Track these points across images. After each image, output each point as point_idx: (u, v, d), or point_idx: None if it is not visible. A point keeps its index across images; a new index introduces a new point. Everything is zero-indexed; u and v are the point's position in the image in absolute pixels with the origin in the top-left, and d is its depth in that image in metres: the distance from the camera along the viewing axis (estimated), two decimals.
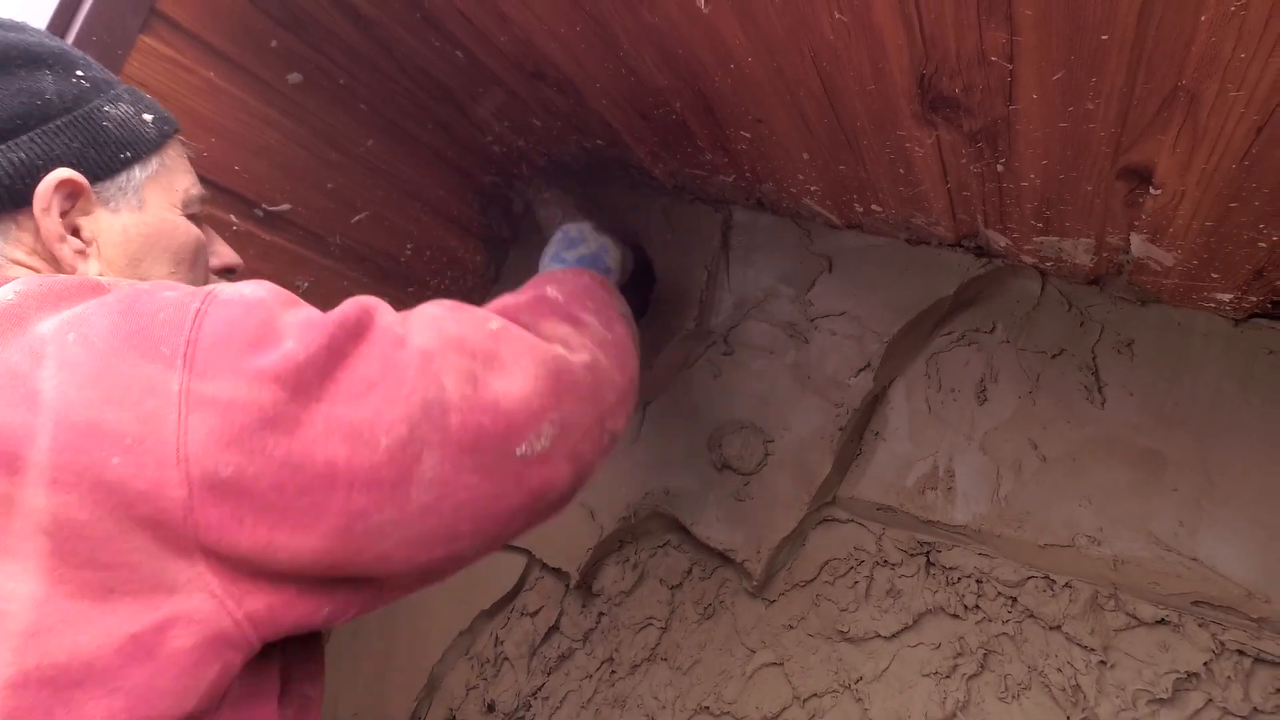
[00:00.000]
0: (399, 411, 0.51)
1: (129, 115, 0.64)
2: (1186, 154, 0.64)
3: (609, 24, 0.84)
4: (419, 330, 0.57)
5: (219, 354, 0.47)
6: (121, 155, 0.63)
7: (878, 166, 0.90)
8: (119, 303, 0.49)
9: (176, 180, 0.67)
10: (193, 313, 0.49)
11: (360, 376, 0.51)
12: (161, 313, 0.48)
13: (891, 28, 0.64)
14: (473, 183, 1.40)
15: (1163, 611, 0.90)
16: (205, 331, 0.48)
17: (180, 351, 0.47)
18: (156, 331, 0.47)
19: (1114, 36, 0.55)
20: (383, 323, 0.55)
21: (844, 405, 1.09)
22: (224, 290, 0.51)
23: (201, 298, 0.50)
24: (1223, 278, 0.83)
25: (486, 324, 0.62)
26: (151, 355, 0.46)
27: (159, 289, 0.51)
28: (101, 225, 0.61)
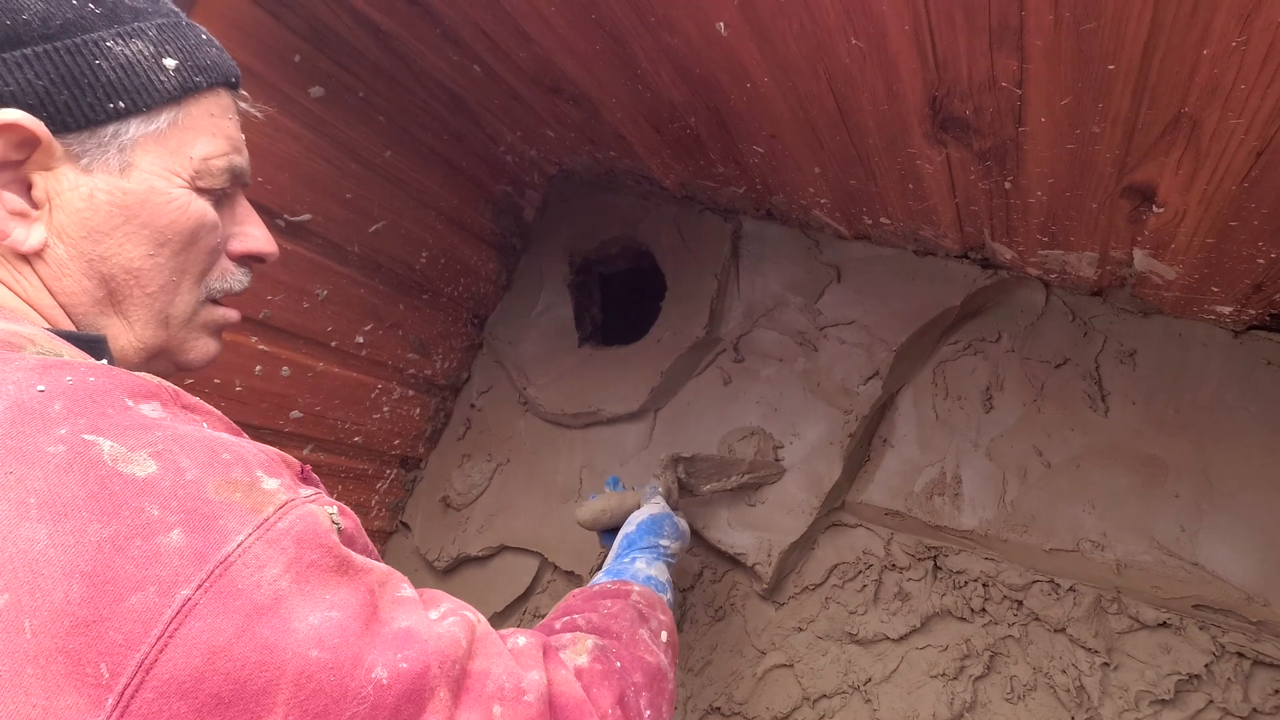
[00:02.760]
0: None
1: (139, 56, 0.50)
2: (1189, 175, 0.66)
3: (628, 44, 0.86)
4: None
5: (171, 706, 0.33)
6: (111, 104, 0.49)
7: (888, 181, 0.93)
8: (97, 553, 0.35)
9: (192, 144, 0.53)
10: (176, 605, 0.34)
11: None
12: (137, 594, 0.34)
13: (905, 53, 0.66)
14: (486, 192, 1.42)
15: (1164, 614, 0.93)
16: (169, 661, 0.33)
17: (123, 683, 0.33)
18: (112, 631, 0.33)
19: (1120, 66, 0.58)
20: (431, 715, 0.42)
21: (853, 412, 1.12)
22: (244, 569, 0.37)
23: (209, 570, 0.36)
24: (1223, 291, 0.85)
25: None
26: (82, 676, 0.32)
27: (170, 517, 0.37)
28: (64, 185, 0.48)
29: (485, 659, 0.49)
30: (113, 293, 0.51)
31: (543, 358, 1.41)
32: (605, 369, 1.33)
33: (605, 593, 0.79)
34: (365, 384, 1.31)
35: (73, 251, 0.49)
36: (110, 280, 0.51)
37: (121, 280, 0.51)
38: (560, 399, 1.34)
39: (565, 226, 1.48)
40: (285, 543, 0.40)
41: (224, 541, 0.37)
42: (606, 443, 1.31)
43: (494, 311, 1.52)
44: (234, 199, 0.60)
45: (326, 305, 1.20)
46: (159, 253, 0.52)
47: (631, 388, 1.28)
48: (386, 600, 0.45)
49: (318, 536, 0.42)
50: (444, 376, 1.47)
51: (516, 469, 1.39)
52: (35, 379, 0.40)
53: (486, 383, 1.49)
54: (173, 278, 0.54)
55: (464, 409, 1.50)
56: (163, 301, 0.54)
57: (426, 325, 1.41)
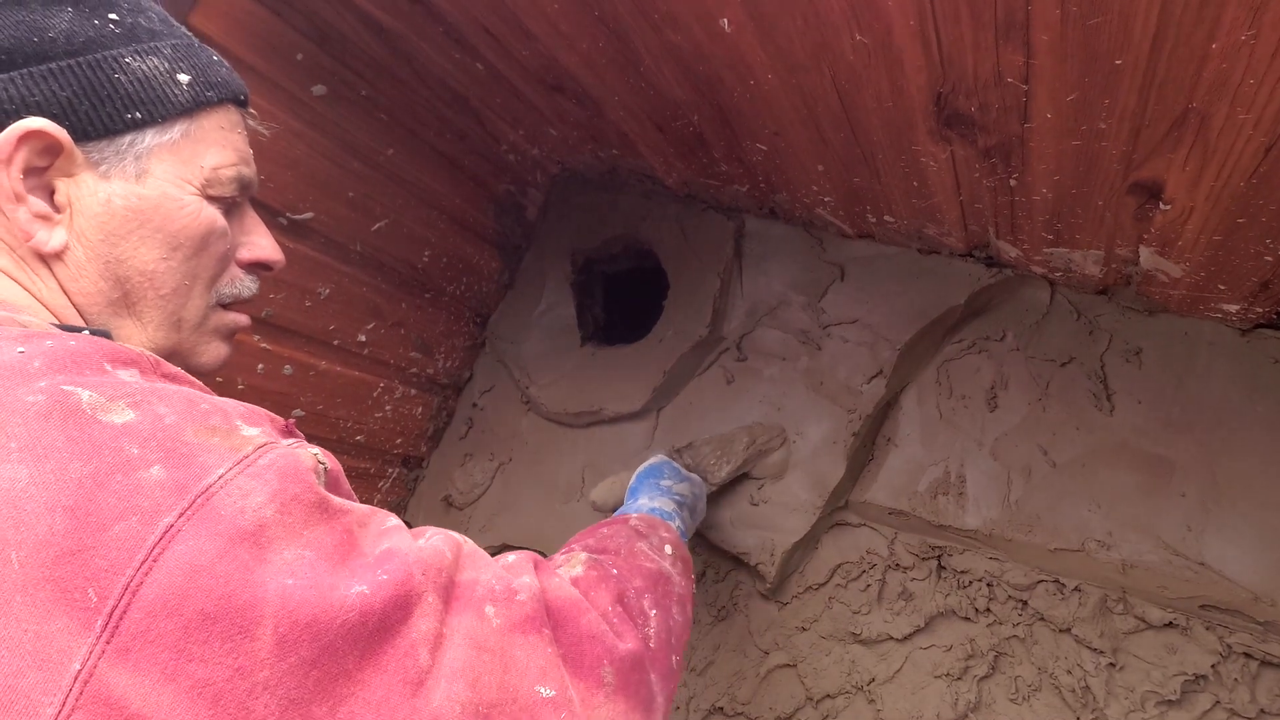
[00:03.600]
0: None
1: (155, 71, 0.54)
2: (1196, 172, 0.66)
3: (631, 41, 0.86)
4: (451, 675, 0.42)
5: (159, 625, 0.33)
6: (128, 114, 0.52)
7: (892, 179, 0.92)
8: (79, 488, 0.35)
9: (203, 154, 0.56)
10: (159, 531, 0.35)
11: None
12: (120, 524, 0.35)
13: (911, 49, 0.66)
14: (488, 191, 1.42)
15: (1171, 615, 0.92)
16: (161, 584, 0.34)
17: (111, 604, 0.33)
18: (97, 559, 0.34)
19: (1127, 61, 0.57)
20: (411, 637, 0.41)
21: (856, 411, 1.11)
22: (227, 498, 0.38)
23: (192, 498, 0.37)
24: (1229, 289, 0.85)
25: (537, 685, 0.47)
26: (71, 600, 0.33)
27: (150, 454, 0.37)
28: (84, 191, 0.51)
29: (474, 570, 0.50)
30: (127, 294, 0.54)
31: (545, 357, 1.40)
32: (608, 368, 1.33)
33: (601, 524, 0.78)
34: (367, 383, 1.31)
35: (91, 254, 0.52)
36: (125, 282, 0.54)
37: (136, 282, 0.54)
38: (562, 398, 1.34)
39: (568, 225, 1.48)
40: (268, 476, 0.40)
41: (205, 474, 0.38)
42: (609, 442, 1.31)
43: (496, 310, 1.52)
44: (242, 210, 0.63)
45: (329, 304, 1.20)
46: (172, 256, 0.55)
47: (634, 387, 1.27)
48: (369, 535, 0.45)
49: (299, 473, 0.42)
50: (446, 375, 1.47)
51: (518, 468, 1.39)
52: (16, 344, 0.41)
53: (489, 382, 1.49)
54: (185, 281, 0.56)
55: (466, 408, 1.50)
56: (176, 304, 0.56)
57: (429, 324, 1.40)
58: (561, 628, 0.53)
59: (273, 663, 0.35)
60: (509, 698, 0.45)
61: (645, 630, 0.62)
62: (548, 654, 0.50)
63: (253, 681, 0.34)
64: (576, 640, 0.54)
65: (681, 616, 0.69)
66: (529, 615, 0.50)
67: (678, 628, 0.67)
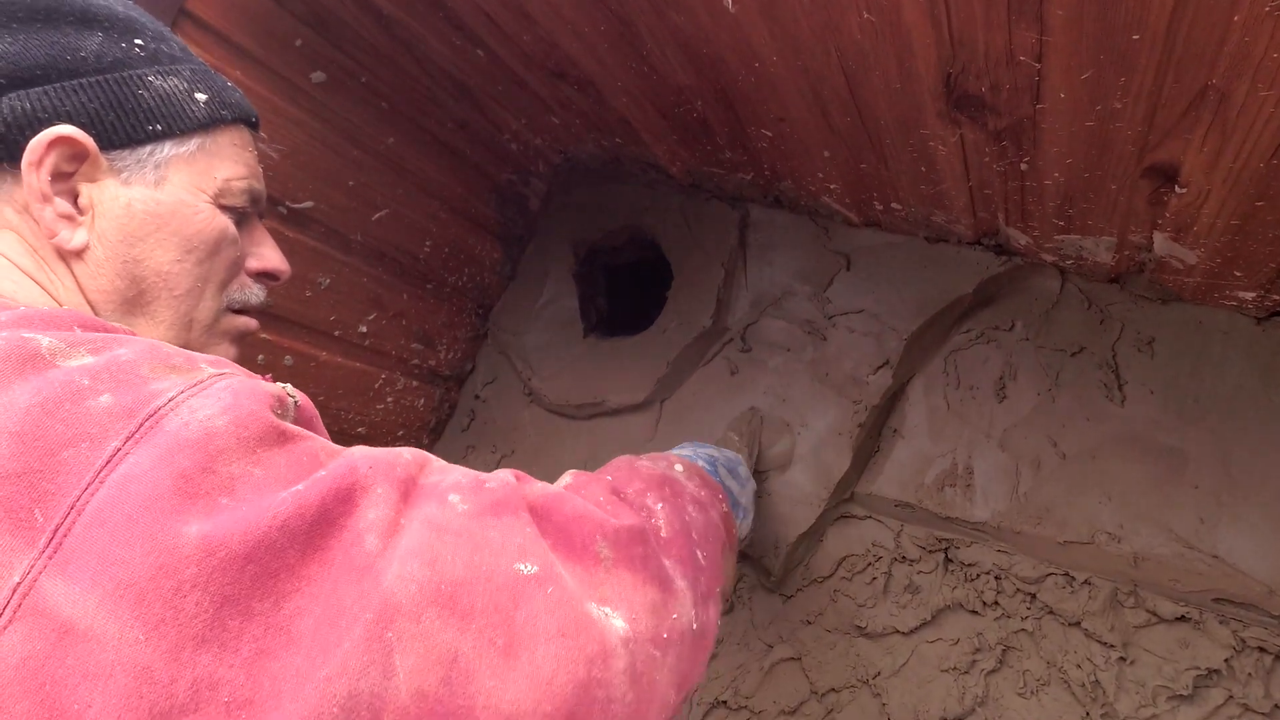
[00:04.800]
0: (303, 702, 0.33)
1: (175, 89, 0.59)
2: (1214, 153, 0.64)
3: (633, 24, 0.84)
4: (405, 555, 0.38)
5: (93, 534, 0.33)
6: (150, 126, 0.57)
7: (899, 164, 0.91)
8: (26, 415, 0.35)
9: (217, 167, 0.61)
10: (106, 455, 0.35)
11: (283, 623, 0.34)
12: (68, 449, 0.35)
13: (920, 27, 0.64)
14: (490, 180, 1.41)
15: (1183, 608, 0.91)
16: (101, 500, 0.34)
17: (55, 522, 0.33)
18: (44, 482, 0.34)
19: (1145, 36, 0.55)
20: (358, 527, 0.38)
21: (862, 402, 1.10)
22: (176, 416, 0.37)
23: (139, 421, 0.36)
24: (1246, 276, 0.83)
25: (516, 562, 0.42)
26: (17, 521, 0.33)
27: (100, 384, 0.37)
28: (105, 195, 0.55)
29: (440, 475, 0.46)
30: (143, 293, 0.58)
31: (548, 348, 1.39)
32: (611, 360, 1.32)
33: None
34: (369, 374, 1.30)
35: (110, 253, 0.56)
36: (141, 281, 0.57)
37: (152, 281, 0.58)
38: (565, 390, 1.33)
39: (570, 216, 1.47)
40: (223, 394, 0.39)
41: (155, 398, 0.38)
42: (612, 434, 1.30)
43: (498, 302, 1.51)
44: (252, 223, 0.67)
45: (329, 294, 1.19)
46: (185, 259, 0.59)
47: (637, 378, 1.26)
48: (329, 454, 0.43)
49: (257, 394, 0.41)
50: (448, 367, 1.46)
51: (521, 460, 1.38)
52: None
53: (491, 373, 1.48)
54: (197, 283, 0.60)
55: (468, 400, 1.49)
56: (188, 305, 0.60)
57: (430, 315, 1.39)
58: (545, 519, 0.48)
59: (199, 559, 0.33)
60: (479, 576, 0.40)
61: (648, 517, 0.56)
62: (527, 533, 0.45)
63: (179, 579, 0.33)
64: (562, 524, 0.49)
65: (701, 516, 0.62)
66: (501, 500, 0.46)
67: (699, 524, 0.61)
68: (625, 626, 0.46)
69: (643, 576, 0.50)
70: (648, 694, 0.46)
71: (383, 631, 0.35)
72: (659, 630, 0.49)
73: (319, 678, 0.34)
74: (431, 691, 0.36)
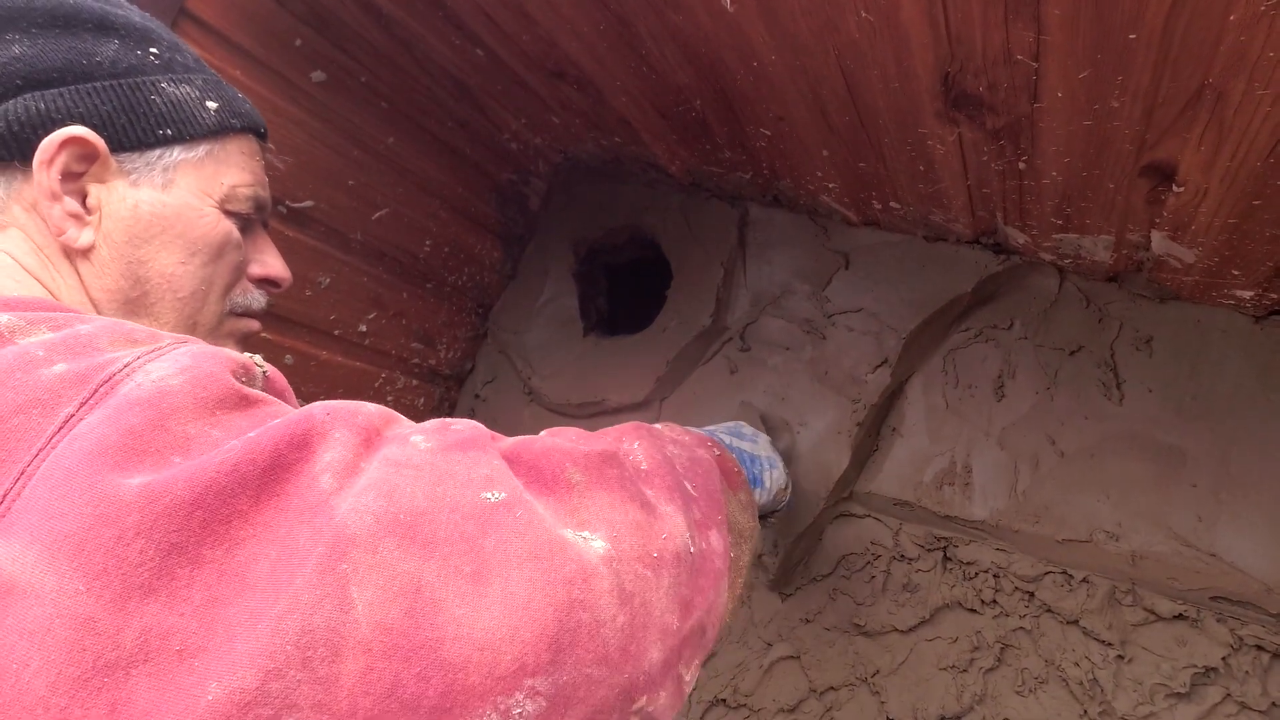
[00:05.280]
0: (255, 642, 0.31)
1: (187, 96, 0.61)
2: (1211, 151, 0.64)
3: (632, 23, 0.85)
4: (362, 489, 0.36)
5: (36, 493, 0.32)
6: (161, 131, 0.58)
7: (898, 163, 0.91)
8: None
9: (225, 173, 0.62)
10: (58, 421, 0.34)
11: (236, 568, 0.33)
12: (19, 416, 0.34)
13: (918, 27, 0.64)
14: (490, 180, 1.41)
15: (1181, 607, 0.91)
16: (57, 464, 0.33)
17: (5, 488, 0.33)
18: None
19: (1141, 35, 0.56)
20: (314, 469, 0.36)
21: (861, 401, 1.10)
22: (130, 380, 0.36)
23: (93, 387, 0.35)
24: (1244, 275, 0.83)
25: (482, 491, 0.39)
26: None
27: (55, 355, 0.37)
28: (113, 196, 0.56)
29: (406, 427, 0.44)
30: (146, 294, 0.58)
31: (548, 348, 1.39)
32: (611, 359, 1.32)
33: None
34: (369, 373, 1.30)
35: (115, 253, 0.57)
36: (145, 282, 0.58)
37: (156, 283, 0.58)
38: (565, 389, 1.33)
39: (570, 215, 1.47)
40: (180, 358, 0.38)
41: (110, 364, 0.37)
42: None
43: (498, 301, 1.51)
44: (256, 231, 0.68)
45: (329, 293, 1.19)
46: (190, 261, 0.59)
47: (637, 377, 1.26)
48: None
49: (219, 358, 0.39)
50: (448, 366, 1.46)
51: None
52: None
53: (491, 373, 1.48)
54: (201, 286, 0.61)
55: (468, 399, 1.49)
56: (193, 307, 0.61)
57: (430, 314, 1.40)
58: (515, 462, 0.45)
59: (141, 507, 0.32)
60: (442, 505, 0.37)
61: (622, 447, 0.53)
62: (494, 464, 0.42)
63: (120, 528, 0.31)
64: (531, 463, 0.46)
65: (685, 453, 0.59)
66: (468, 439, 0.43)
67: (682, 459, 0.57)
68: (606, 546, 0.42)
69: (620, 496, 0.47)
70: (642, 616, 0.42)
71: (336, 564, 0.33)
72: (647, 549, 0.45)
73: (272, 615, 0.32)
74: (395, 624, 0.33)
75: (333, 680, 0.31)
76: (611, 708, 0.40)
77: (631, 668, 0.41)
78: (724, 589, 0.52)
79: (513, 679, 0.35)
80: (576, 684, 0.37)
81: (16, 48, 0.54)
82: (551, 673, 0.36)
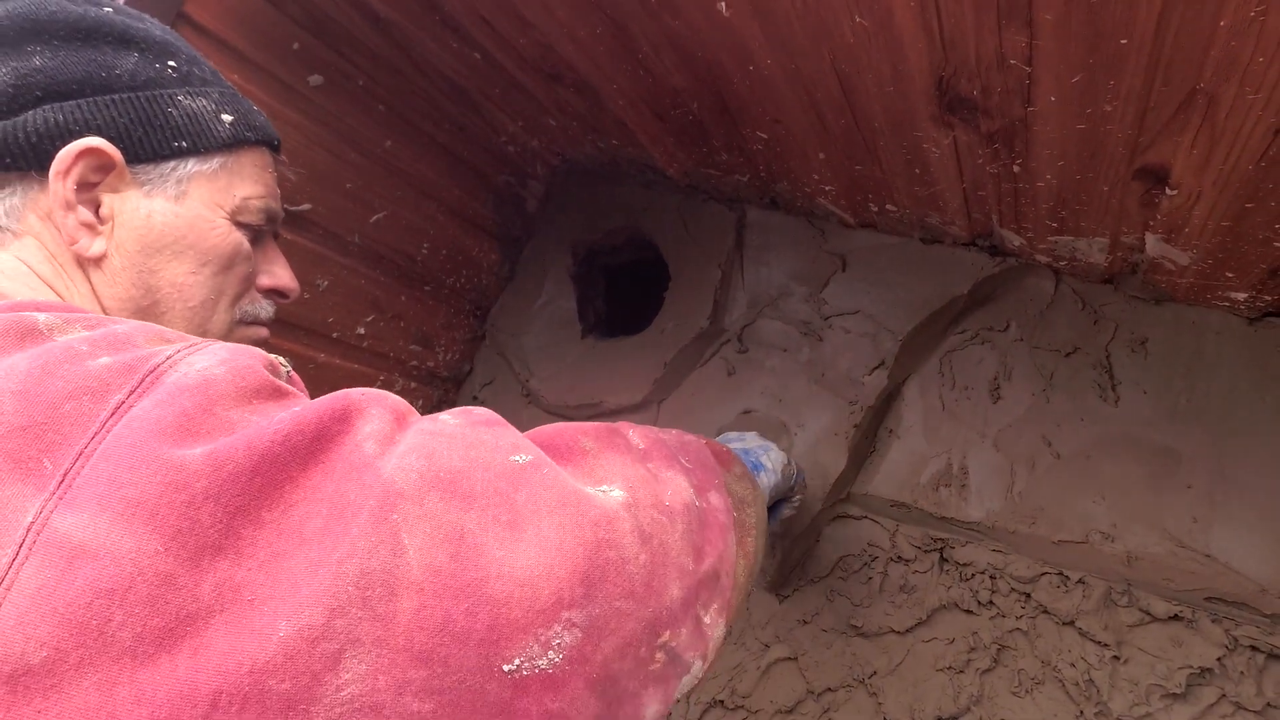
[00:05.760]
0: (319, 585, 0.34)
1: (204, 110, 0.62)
2: (1204, 155, 0.65)
3: (629, 27, 0.85)
4: (404, 452, 0.39)
5: (99, 469, 0.34)
6: (176, 143, 0.60)
7: (894, 166, 0.91)
8: (27, 375, 0.36)
9: (238, 185, 0.64)
10: (110, 407, 0.36)
11: (293, 526, 0.36)
12: (70, 402, 0.36)
13: (912, 32, 0.65)
14: (488, 182, 1.41)
15: (1176, 607, 0.91)
16: (116, 442, 0.35)
17: (64, 467, 0.34)
18: (49, 433, 0.35)
19: (1133, 40, 0.56)
20: (356, 438, 0.39)
21: (858, 403, 1.10)
22: (174, 371, 0.39)
23: (140, 377, 0.38)
24: (1238, 277, 0.83)
25: (510, 455, 0.43)
26: (25, 470, 0.34)
27: (99, 350, 0.39)
28: (127, 206, 0.58)
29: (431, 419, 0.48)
30: (157, 302, 0.59)
31: (546, 349, 1.40)
32: (608, 360, 1.32)
33: None
34: (367, 376, 1.31)
35: (127, 263, 0.58)
36: (156, 291, 0.59)
37: (166, 292, 0.60)
38: (563, 391, 1.33)
39: (568, 217, 1.47)
40: (218, 351, 0.41)
41: (153, 357, 0.39)
42: None
43: (496, 303, 1.51)
44: (266, 242, 0.69)
45: (327, 296, 1.19)
46: (200, 271, 0.61)
47: (635, 379, 1.27)
48: None
49: (254, 354, 0.42)
50: (446, 369, 1.46)
51: None
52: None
53: (489, 375, 1.48)
54: (211, 296, 0.62)
55: (466, 401, 1.49)
56: (202, 316, 0.62)
57: (428, 317, 1.40)
58: (532, 439, 0.51)
59: (208, 473, 0.35)
60: (477, 466, 0.41)
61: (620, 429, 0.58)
62: (518, 435, 0.46)
63: (190, 493, 0.34)
64: (547, 439, 0.51)
65: (674, 438, 0.63)
66: (491, 418, 0.48)
67: (671, 440, 0.62)
68: (624, 495, 0.47)
69: (629, 458, 0.52)
70: (661, 555, 0.47)
71: (388, 514, 0.37)
72: (659, 499, 0.50)
73: (332, 561, 0.35)
74: (443, 566, 0.37)
75: (390, 617, 0.35)
76: (640, 640, 0.44)
77: (655, 602, 0.45)
78: (731, 542, 0.56)
79: (551, 612, 0.39)
80: (607, 616, 0.41)
81: (37, 59, 0.56)
82: (585, 606, 0.40)
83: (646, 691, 0.45)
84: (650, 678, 0.45)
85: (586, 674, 0.40)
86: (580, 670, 0.40)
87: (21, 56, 0.55)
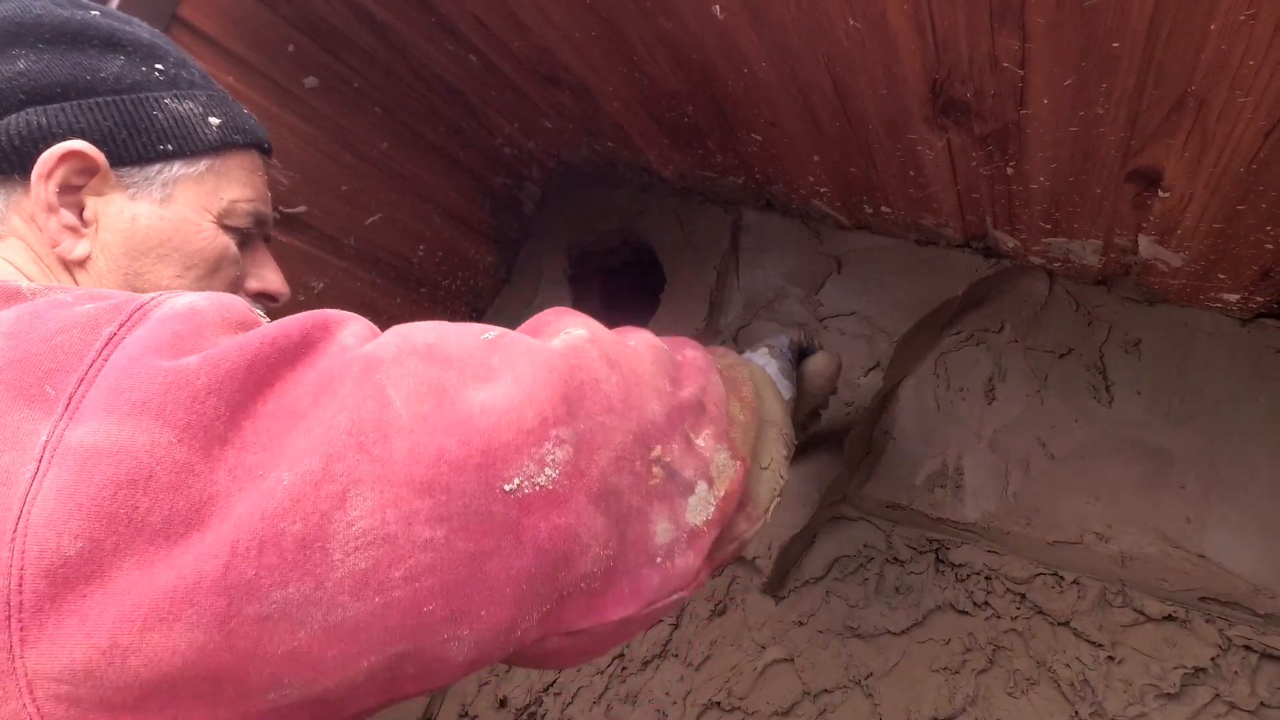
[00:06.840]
0: (314, 438, 0.37)
1: (190, 112, 0.61)
2: (1195, 157, 0.65)
3: (624, 30, 0.85)
4: (380, 341, 0.42)
5: (102, 386, 0.36)
6: (161, 146, 0.59)
7: (888, 168, 0.92)
8: (15, 320, 0.38)
9: (225, 189, 0.63)
10: (104, 338, 0.38)
11: (287, 409, 0.38)
12: (61, 335, 0.37)
13: (905, 34, 0.65)
14: (484, 185, 1.41)
15: (1170, 607, 0.92)
16: (114, 364, 0.37)
17: (68, 392, 0.36)
18: (46, 362, 0.37)
19: (1124, 44, 0.56)
20: (337, 341, 0.42)
21: (854, 404, 1.11)
22: (168, 300, 0.41)
23: (129, 313, 0.39)
24: (1230, 278, 0.84)
25: (481, 334, 0.46)
26: (29, 396, 0.36)
27: (82, 300, 0.41)
28: (111, 209, 0.57)
29: None
30: None
31: None
32: None
33: None
34: None
35: (112, 265, 0.58)
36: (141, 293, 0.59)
37: None
38: None
39: (564, 219, 1.47)
40: (205, 296, 0.43)
41: (138, 298, 0.41)
42: None
43: (492, 305, 1.51)
44: (255, 245, 0.69)
45: (323, 299, 1.19)
46: (186, 275, 0.60)
47: None
48: None
49: (238, 304, 0.44)
50: None
51: None
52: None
53: None
54: None
55: None
56: None
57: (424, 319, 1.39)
58: None
59: (207, 371, 0.37)
60: (450, 340, 0.44)
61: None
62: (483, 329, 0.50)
63: (193, 389, 0.36)
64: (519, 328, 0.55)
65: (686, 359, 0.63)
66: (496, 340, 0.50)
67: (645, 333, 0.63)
68: (586, 332, 0.50)
69: (589, 317, 0.55)
70: (633, 377, 0.50)
71: (371, 374, 0.39)
72: (622, 340, 0.53)
73: (323, 419, 0.37)
74: (429, 413, 0.40)
75: (387, 457, 0.37)
76: (632, 453, 0.47)
77: (637, 416, 0.48)
78: (716, 381, 0.60)
79: (540, 430, 0.42)
80: (594, 430, 0.45)
81: (22, 63, 0.55)
82: (570, 422, 0.43)
83: (652, 508, 0.48)
84: (653, 493, 0.48)
85: (586, 487, 0.43)
86: (579, 484, 0.43)
87: (6, 60, 0.55)
